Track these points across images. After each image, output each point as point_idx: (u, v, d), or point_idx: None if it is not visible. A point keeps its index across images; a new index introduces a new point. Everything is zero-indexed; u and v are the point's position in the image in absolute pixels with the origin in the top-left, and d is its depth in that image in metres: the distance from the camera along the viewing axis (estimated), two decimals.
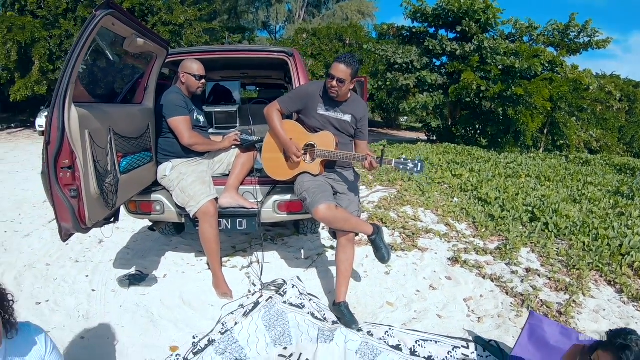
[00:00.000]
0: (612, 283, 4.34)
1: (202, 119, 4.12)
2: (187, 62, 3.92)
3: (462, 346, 3.31)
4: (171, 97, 3.79)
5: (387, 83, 17.77)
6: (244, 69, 6.14)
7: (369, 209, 6.64)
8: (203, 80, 3.96)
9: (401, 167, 3.32)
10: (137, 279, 4.13)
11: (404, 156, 3.40)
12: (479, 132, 18.81)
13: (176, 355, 3.08)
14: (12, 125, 22.62)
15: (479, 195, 7.48)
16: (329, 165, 3.72)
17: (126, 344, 3.22)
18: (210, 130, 4.82)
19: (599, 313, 3.81)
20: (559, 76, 16.71)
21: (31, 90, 18.16)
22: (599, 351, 2.01)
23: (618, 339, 1.98)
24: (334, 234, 3.75)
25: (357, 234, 3.73)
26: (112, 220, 3.49)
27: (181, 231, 5.21)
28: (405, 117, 33.22)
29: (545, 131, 17.91)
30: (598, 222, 5.96)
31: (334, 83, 3.41)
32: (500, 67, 15.68)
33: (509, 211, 6.52)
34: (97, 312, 3.66)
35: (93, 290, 4.02)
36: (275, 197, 3.95)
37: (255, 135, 4.23)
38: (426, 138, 21.08)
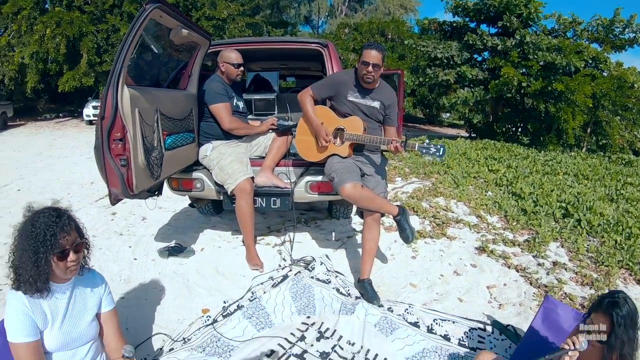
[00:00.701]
0: None
1: (241, 105, 4.41)
2: (226, 51, 4.22)
3: (479, 328, 3.41)
4: (212, 85, 4.08)
5: (427, 79, 17.62)
6: (282, 60, 6.41)
7: (402, 198, 6.73)
8: (241, 68, 4.24)
9: (424, 151, 3.45)
10: (176, 251, 4.46)
11: (427, 141, 3.53)
12: (520, 129, 18.43)
13: (207, 317, 3.36)
14: (61, 115, 23.62)
15: (513, 190, 7.44)
16: (358, 148, 3.89)
17: (162, 305, 3.55)
18: (250, 117, 5.04)
19: None
20: (602, 73, 16.24)
21: (79, 82, 19.03)
22: (592, 315, 2.10)
23: (607, 298, 2.07)
24: (361, 214, 3.91)
25: (383, 215, 3.87)
26: (156, 193, 3.90)
27: (220, 211, 5.52)
28: (448, 114, 32.81)
29: (589, 130, 17.41)
30: (633, 221, 5.86)
31: (370, 69, 3.62)
32: (541, 62, 15.31)
33: (542, 206, 6.47)
34: (138, 277, 3.99)
35: (135, 259, 4.36)
36: (308, 178, 4.19)
37: (292, 121, 4.45)
38: (467, 135, 20.86)
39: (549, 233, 5.35)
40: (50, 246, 1.89)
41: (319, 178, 4.13)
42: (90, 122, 19.84)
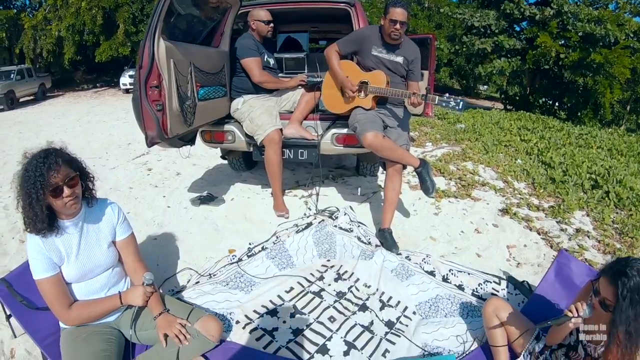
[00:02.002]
0: None
1: (272, 61, 4.55)
2: (255, 10, 4.40)
3: (494, 281, 3.46)
4: (244, 42, 4.26)
5: (464, 47, 17.27)
6: (311, 22, 6.48)
7: (431, 161, 6.72)
8: (271, 25, 4.40)
9: (443, 104, 3.56)
10: (207, 199, 4.69)
11: (447, 94, 3.59)
12: (557, 103, 17.98)
13: (232, 256, 3.62)
14: (98, 85, 24.26)
15: (543, 159, 7.34)
16: (381, 101, 4.01)
17: (191, 245, 3.80)
18: (280, 75, 5.16)
19: None
20: None
21: (115, 52, 19.62)
22: (601, 278, 2.01)
23: (618, 265, 1.96)
24: (383, 164, 4.01)
25: (405, 167, 3.98)
26: (189, 143, 4.17)
27: (251, 167, 5.72)
28: (485, 86, 32.13)
29: (628, 108, 16.91)
30: None
31: (397, 26, 3.70)
32: (580, 34, 14.82)
33: (571, 176, 6.38)
34: (170, 222, 4.25)
35: (168, 207, 4.61)
36: (334, 131, 4.30)
37: (321, 78, 4.54)
38: (502, 107, 20.45)
39: (576, 202, 5.29)
40: (40, 187, 1.95)
41: (344, 131, 4.22)
42: (127, 91, 20.35)
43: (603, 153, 8.75)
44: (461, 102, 3.52)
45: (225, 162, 5.76)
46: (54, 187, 1.98)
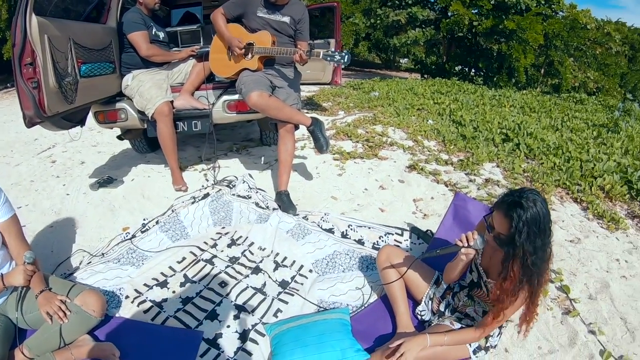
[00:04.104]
0: (579, 201, 4.38)
1: (161, 34, 4.49)
2: None
3: (396, 233, 3.45)
4: (130, 15, 4.19)
5: (379, 20, 17.47)
6: None
7: (340, 127, 6.66)
8: None
9: (328, 58, 3.54)
10: (106, 182, 4.58)
11: (332, 47, 3.57)
12: (473, 69, 18.54)
13: (126, 233, 3.55)
14: (8, 85, 22.82)
15: (454, 119, 7.46)
16: (268, 62, 4.03)
17: (86, 228, 3.75)
18: (176, 49, 5.04)
19: (557, 223, 3.87)
20: (556, 15, 16.36)
21: None
22: (494, 212, 1.95)
23: (512, 197, 1.89)
24: (275, 127, 4.03)
25: (297, 127, 4.00)
26: (78, 124, 4.10)
27: (155, 148, 5.51)
28: (405, 59, 32.71)
29: (542, 71, 17.66)
30: (574, 147, 5.94)
31: None
32: (492, 2, 15.31)
33: (481, 132, 6.49)
34: (68, 209, 4.12)
35: (67, 194, 4.44)
36: (225, 97, 4.28)
37: None
38: (420, 76, 20.84)
39: (486, 155, 5.37)
40: None
41: (236, 97, 4.21)
42: None
43: (515, 110, 9.02)
44: (346, 56, 3.51)
45: (130, 147, 5.64)
46: None
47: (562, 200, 4.42)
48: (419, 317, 2.52)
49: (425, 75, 19.30)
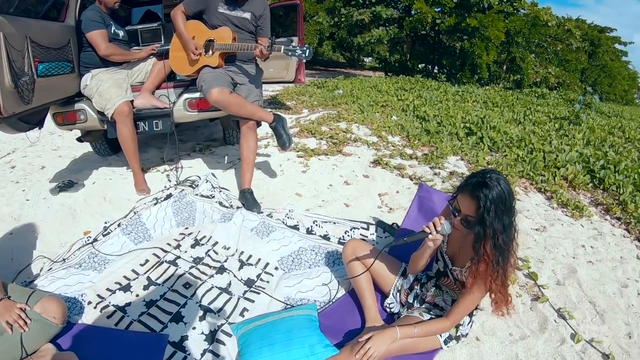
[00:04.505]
0: (543, 191, 4.46)
1: (121, 33, 4.39)
2: None
3: (362, 227, 3.42)
4: (88, 14, 4.07)
5: (343, 19, 17.54)
6: None
7: (304, 125, 6.61)
8: None
9: (290, 53, 3.52)
10: (67, 186, 4.42)
11: (293, 43, 3.53)
12: (436, 67, 18.77)
13: (87, 237, 3.44)
14: None
15: (418, 114, 7.50)
16: (229, 59, 4.00)
17: (46, 233, 3.64)
18: (136, 48, 4.93)
19: (522, 213, 3.92)
20: (517, 12, 16.70)
21: None
22: (458, 196, 1.96)
23: (475, 178, 1.89)
24: (237, 124, 3.95)
25: (259, 124, 3.98)
26: (36, 125, 4.01)
27: (117, 150, 5.37)
28: (369, 58, 32.93)
29: (505, 67, 17.99)
30: (536, 139, 6.04)
31: None
32: (455, 0, 15.54)
33: (445, 127, 6.54)
34: (28, 215, 3.98)
35: (27, 200, 4.28)
36: (186, 96, 4.20)
37: None
38: (384, 75, 20.97)
39: (450, 148, 5.40)
40: None
41: (197, 95, 4.14)
42: None
43: (478, 105, 9.15)
44: (307, 50, 3.49)
45: (92, 150, 5.48)
46: None
47: (527, 190, 4.48)
48: (388, 310, 2.50)
49: (389, 74, 19.43)
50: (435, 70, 18.68)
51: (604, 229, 3.77)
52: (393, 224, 3.44)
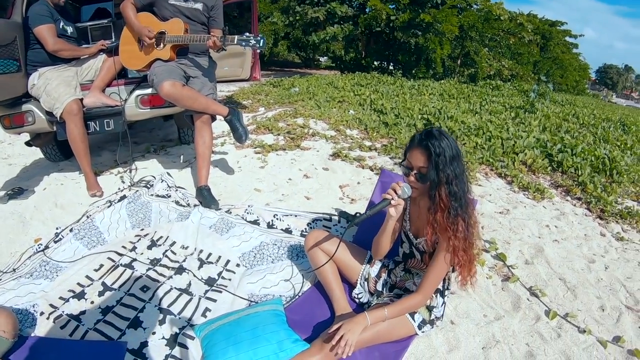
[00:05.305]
0: (503, 176, 4.53)
1: (69, 29, 4.28)
2: None
3: (324, 219, 3.38)
4: (36, 8, 3.95)
5: (297, 17, 17.51)
6: None
7: (261, 121, 6.52)
8: None
9: (243, 43, 3.43)
10: (16, 194, 4.26)
11: (247, 33, 3.45)
12: (392, 64, 18.94)
13: (38, 245, 3.27)
14: None
15: (375, 108, 7.51)
16: (182, 52, 3.91)
17: None
18: (86, 46, 4.77)
19: (485, 197, 3.96)
20: (470, 7, 17.02)
21: None
22: (407, 155, 2.00)
23: (419, 134, 1.97)
24: (191, 118, 3.87)
25: (214, 118, 3.90)
26: None
27: (69, 155, 5.17)
28: (324, 57, 33.02)
29: (459, 62, 18.28)
30: (494, 127, 6.11)
31: None
32: None
33: (403, 118, 6.56)
34: None
35: None
36: (138, 92, 4.07)
37: None
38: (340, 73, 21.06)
39: (409, 139, 5.35)
40: None
41: (149, 91, 4.00)
42: None
43: (435, 98, 9.23)
44: (261, 40, 3.43)
45: (43, 156, 5.27)
46: None
47: (487, 176, 4.54)
48: (357, 300, 2.45)
49: (345, 72, 19.52)
50: (391, 67, 18.84)
51: (566, 209, 3.84)
52: (356, 213, 3.41)
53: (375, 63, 19.02)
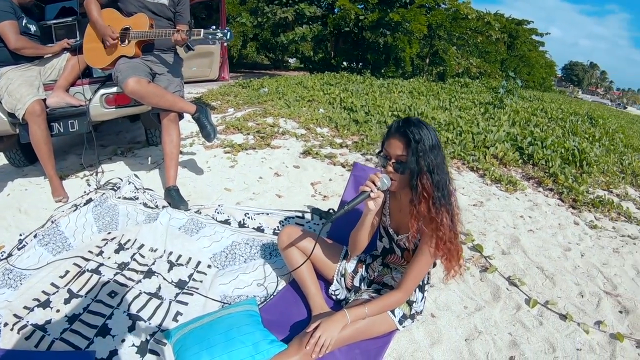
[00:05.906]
0: (475, 169, 4.56)
1: (33, 27, 4.14)
2: None
3: (297, 216, 3.32)
4: None
5: (266, 18, 17.48)
6: None
7: (230, 121, 6.45)
8: None
9: (210, 36, 3.36)
10: None
11: (213, 27, 3.37)
12: (361, 63, 19.03)
13: (1, 252, 3.14)
14: None
15: (345, 106, 7.50)
16: (147, 48, 3.80)
17: None
18: (50, 46, 4.58)
19: (458, 190, 3.95)
20: (439, 7, 17.24)
21: None
22: (385, 144, 1.93)
23: (395, 123, 1.91)
24: (157, 117, 3.77)
25: (181, 116, 3.83)
26: None
27: (34, 159, 4.97)
28: (293, 59, 33.08)
29: (428, 60, 18.47)
30: (464, 122, 6.15)
31: None
32: None
33: (373, 115, 6.57)
34: None
35: None
36: (103, 91, 3.95)
37: None
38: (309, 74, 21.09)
39: (379, 136, 5.37)
40: None
41: (115, 89, 3.89)
42: None
43: (404, 95, 9.29)
44: (228, 33, 3.35)
45: (7, 162, 5.09)
46: None
47: (460, 170, 4.56)
48: (334, 297, 2.38)
49: (314, 72, 19.54)
50: (360, 66, 18.92)
51: (539, 200, 3.88)
52: (329, 209, 3.35)
53: (345, 63, 19.12)
